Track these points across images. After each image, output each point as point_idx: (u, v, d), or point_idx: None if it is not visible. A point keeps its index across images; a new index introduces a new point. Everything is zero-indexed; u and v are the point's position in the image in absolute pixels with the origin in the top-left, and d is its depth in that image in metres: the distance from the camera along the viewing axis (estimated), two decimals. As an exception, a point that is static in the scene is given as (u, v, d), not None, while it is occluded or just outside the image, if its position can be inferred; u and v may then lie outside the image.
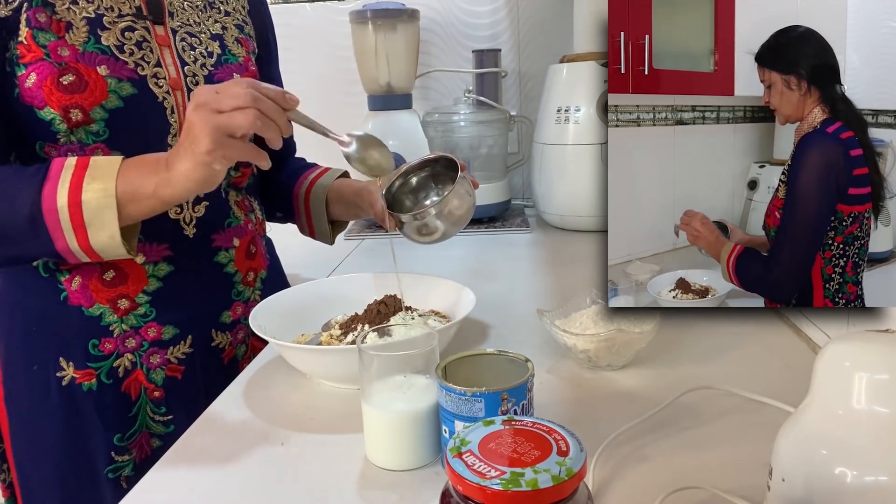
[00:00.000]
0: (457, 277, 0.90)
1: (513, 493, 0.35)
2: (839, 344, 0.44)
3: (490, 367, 0.60)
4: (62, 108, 0.74)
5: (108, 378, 0.82)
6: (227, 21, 0.91)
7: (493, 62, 1.57)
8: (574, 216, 1.44)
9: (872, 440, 0.40)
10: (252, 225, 0.95)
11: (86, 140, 0.76)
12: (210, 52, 0.86)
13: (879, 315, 0.74)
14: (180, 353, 0.85)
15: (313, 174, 1.02)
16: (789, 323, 0.87)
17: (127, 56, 0.78)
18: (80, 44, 0.75)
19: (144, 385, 0.84)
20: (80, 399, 0.82)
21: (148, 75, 0.79)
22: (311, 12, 1.75)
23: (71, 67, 0.74)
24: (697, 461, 0.59)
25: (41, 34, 0.74)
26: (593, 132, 1.38)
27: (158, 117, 0.80)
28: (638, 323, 0.77)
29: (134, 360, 0.83)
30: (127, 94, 0.77)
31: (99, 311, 0.81)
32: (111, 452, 0.83)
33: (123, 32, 0.78)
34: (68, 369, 0.81)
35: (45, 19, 0.74)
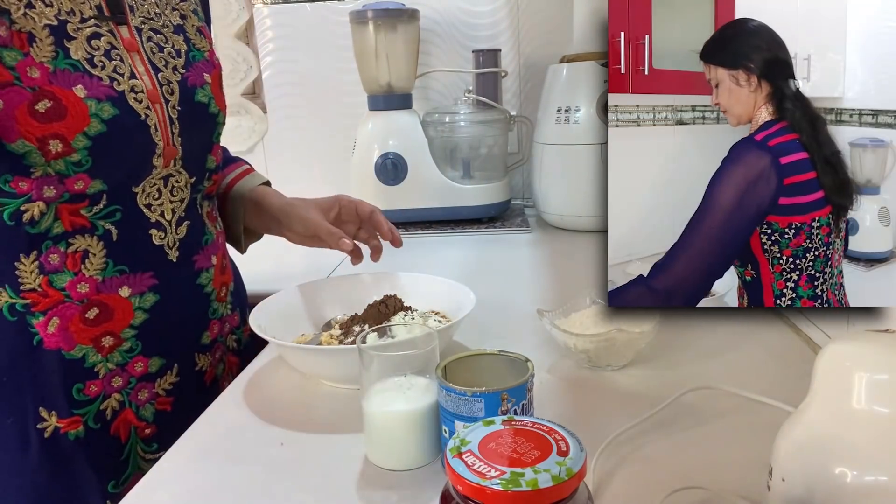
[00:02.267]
0: (457, 277, 0.90)
1: (513, 493, 0.35)
2: (839, 344, 0.44)
3: (490, 367, 0.60)
4: (39, 140, 0.66)
5: (95, 422, 0.76)
6: (184, 7, 0.85)
7: (493, 62, 1.57)
8: (574, 216, 1.44)
9: (872, 440, 0.40)
10: (221, 237, 0.91)
11: (65, 171, 0.69)
12: (178, 51, 0.80)
13: (879, 315, 0.74)
14: (167, 383, 0.81)
15: (233, 174, 0.96)
16: (789, 323, 0.87)
17: (100, 70, 0.71)
18: (48, 60, 0.67)
19: (134, 424, 0.79)
20: (67, 450, 0.74)
21: (125, 90, 0.72)
22: (311, 12, 1.75)
23: (45, 91, 0.66)
24: (697, 461, 0.59)
25: (6, 52, 0.64)
26: (593, 132, 1.38)
27: (143, 138, 0.74)
28: (638, 323, 0.77)
29: (122, 399, 0.77)
30: (109, 116, 0.70)
31: (81, 352, 0.74)
32: (107, 502, 0.77)
33: (90, 41, 0.71)
34: (50, 419, 0.74)
35: (6, 32, 0.65)
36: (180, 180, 0.80)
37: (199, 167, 0.83)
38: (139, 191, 0.76)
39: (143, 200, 0.76)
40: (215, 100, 0.84)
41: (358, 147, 1.53)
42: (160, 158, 0.76)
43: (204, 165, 0.84)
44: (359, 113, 1.59)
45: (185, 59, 0.81)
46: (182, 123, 0.78)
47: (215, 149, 0.87)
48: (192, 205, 0.83)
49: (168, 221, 0.79)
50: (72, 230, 0.72)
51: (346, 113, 1.74)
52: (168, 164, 0.78)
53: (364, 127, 1.54)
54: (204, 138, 0.84)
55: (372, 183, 1.50)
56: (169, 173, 0.78)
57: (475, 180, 1.56)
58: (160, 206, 0.78)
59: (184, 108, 0.79)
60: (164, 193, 0.78)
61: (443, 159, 1.55)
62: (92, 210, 0.72)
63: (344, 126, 1.72)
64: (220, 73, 0.87)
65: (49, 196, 0.70)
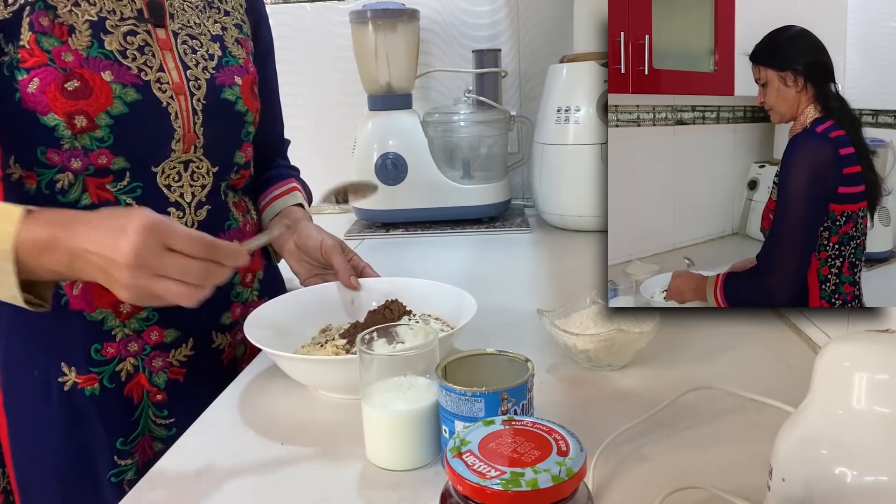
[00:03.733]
0: (457, 277, 0.90)
1: (513, 493, 0.35)
2: (839, 344, 0.44)
3: (490, 367, 0.60)
4: (66, 115, 0.74)
5: (110, 382, 0.82)
6: (227, 21, 0.91)
7: (493, 62, 1.57)
8: (574, 216, 1.44)
9: (872, 440, 0.40)
10: (249, 226, 0.95)
11: (90, 146, 0.76)
12: (211, 55, 0.86)
13: (879, 315, 0.74)
14: (182, 355, 0.85)
15: (276, 191, 1.01)
16: (789, 323, 0.87)
17: (130, 61, 0.78)
18: (83, 48, 0.74)
19: (147, 389, 0.84)
20: (82, 404, 0.81)
21: (151, 80, 0.79)
22: (311, 12, 1.75)
23: (75, 73, 0.74)
24: (697, 461, 0.59)
25: (44, 38, 0.73)
26: (593, 132, 1.38)
27: (163, 123, 0.80)
28: (638, 323, 0.77)
29: (136, 363, 0.83)
30: (132, 99, 0.77)
31: (101, 315, 0.81)
32: (114, 457, 0.83)
33: (126, 37, 0.78)
34: (70, 374, 0.81)
35: (48, 23, 0.73)
36: (201, 167, 0.86)
37: (225, 159, 0.89)
38: (159, 171, 0.82)
39: (162, 180, 0.82)
40: (244, 100, 0.88)
41: (358, 147, 1.53)
42: (179, 143, 0.82)
43: (231, 159, 0.90)
44: (359, 113, 1.59)
45: (217, 63, 0.87)
46: (206, 115, 0.84)
47: (245, 146, 0.92)
48: (216, 192, 0.88)
49: (187, 203, 0.85)
50: (98, 203, 0.79)
51: (346, 113, 1.74)
52: (188, 150, 0.83)
53: (364, 127, 1.54)
54: (231, 133, 0.89)
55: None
56: (189, 159, 0.84)
57: (475, 180, 1.56)
58: (180, 187, 0.84)
59: (209, 102, 0.84)
60: (185, 177, 0.84)
61: (443, 159, 1.55)
62: (116, 186, 0.80)
63: (344, 126, 1.72)
64: (253, 80, 0.91)
65: (76, 167, 0.77)
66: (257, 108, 0.92)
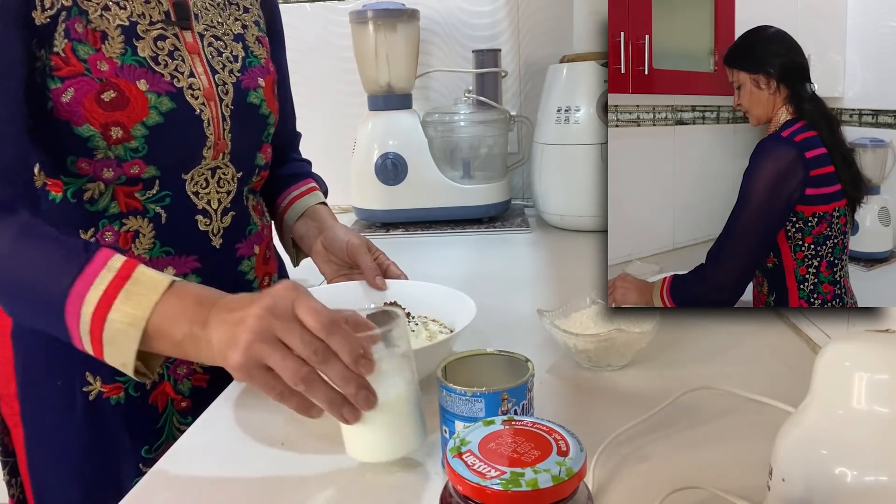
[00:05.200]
0: (457, 277, 0.90)
1: (513, 493, 0.35)
2: (839, 344, 0.44)
3: (490, 367, 0.60)
4: (102, 126, 0.72)
5: (135, 391, 0.81)
6: (247, 18, 0.90)
7: (493, 62, 1.57)
8: (574, 216, 1.44)
9: (872, 440, 0.40)
10: (266, 229, 0.95)
11: (123, 156, 0.75)
12: (235, 56, 0.85)
13: (879, 315, 0.74)
14: None
15: (297, 191, 1.01)
16: (789, 323, 0.87)
17: (162, 68, 0.76)
18: (117, 56, 0.73)
19: (171, 396, 0.84)
20: (107, 413, 0.81)
21: (184, 87, 0.78)
22: (310, 12, 1.75)
23: (111, 83, 0.72)
24: (697, 461, 0.59)
25: (80, 46, 0.71)
26: (593, 132, 1.38)
27: (196, 131, 0.79)
28: (638, 323, 0.77)
29: (161, 371, 0.82)
30: (166, 109, 0.76)
31: None
32: (139, 465, 0.82)
33: (156, 42, 0.77)
34: (95, 384, 0.80)
35: (83, 29, 0.71)
36: (227, 173, 0.85)
37: (248, 163, 0.88)
38: (188, 178, 0.81)
39: (191, 188, 0.81)
40: (267, 102, 0.88)
41: (358, 147, 1.53)
42: (210, 150, 0.81)
43: (253, 162, 0.89)
44: (359, 113, 1.59)
45: (241, 64, 0.86)
46: (234, 121, 0.83)
47: (265, 147, 0.91)
48: (239, 197, 0.88)
49: (214, 210, 0.84)
50: (126, 211, 0.78)
51: (346, 113, 1.74)
52: (217, 156, 0.83)
53: (364, 127, 1.54)
54: (254, 136, 0.89)
55: (372, 183, 1.50)
56: (217, 165, 0.84)
57: (475, 180, 1.56)
58: (207, 194, 0.83)
59: (236, 108, 0.84)
60: (212, 184, 0.83)
61: (443, 159, 1.55)
62: (145, 194, 0.78)
63: (344, 126, 1.72)
64: (274, 80, 0.91)
65: (108, 177, 0.76)
66: (277, 109, 0.92)
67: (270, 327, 0.56)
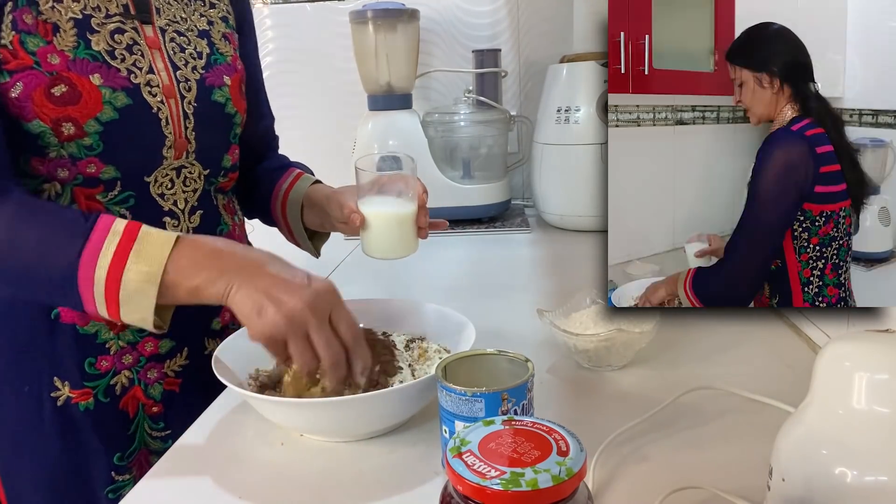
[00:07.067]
0: (457, 277, 0.90)
1: (513, 493, 0.35)
2: (839, 344, 0.44)
3: (490, 367, 0.60)
4: (53, 122, 0.69)
5: (105, 396, 0.79)
6: (213, 14, 0.87)
7: (493, 62, 1.57)
8: (574, 216, 1.44)
9: (872, 440, 0.40)
10: (238, 228, 0.92)
11: (78, 154, 0.72)
12: (199, 53, 0.83)
13: (879, 315, 0.74)
14: (177, 365, 0.83)
15: (287, 182, 0.97)
16: (789, 323, 0.87)
17: (119, 62, 0.73)
18: (69, 49, 0.70)
19: (142, 401, 0.81)
20: (76, 419, 0.78)
21: (141, 83, 0.75)
22: (311, 12, 1.75)
23: (62, 77, 0.69)
24: (697, 461, 0.59)
25: (29, 38, 0.68)
26: (593, 132, 1.38)
27: (153, 129, 0.76)
28: (638, 323, 0.77)
29: (131, 376, 0.80)
30: (122, 104, 0.73)
31: (94, 328, 0.77)
32: (111, 472, 0.80)
33: (113, 35, 0.74)
34: (63, 389, 0.78)
35: (32, 21, 0.68)
36: (193, 172, 0.82)
37: (215, 162, 0.85)
38: (151, 180, 0.78)
39: (155, 190, 0.79)
40: (233, 101, 0.86)
41: (358, 147, 1.53)
42: (171, 150, 0.79)
43: (220, 163, 0.87)
44: (359, 113, 1.59)
45: (206, 62, 0.83)
46: (197, 119, 0.81)
47: (232, 148, 0.89)
48: (206, 196, 0.85)
49: (181, 210, 0.81)
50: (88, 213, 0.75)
51: (346, 113, 1.74)
52: (180, 156, 0.80)
53: (364, 127, 1.54)
54: (220, 136, 0.86)
55: (372, 183, 1.49)
56: (181, 165, 0.81)
57: (475, 180, 1.56)
58: (173, 195, 0.80)
59: (200, 106, 0.81)
60: (178, 184, 0.81)
61: (443, 159, 1.55)
62: (107, 196, 0.75)
63: (344, 126, 1.72)
64: (241, 78, 0.88)
65: (63, 177, 0.73)
66: (245, 109, 0.89)
67: (305, 322, 0.62)
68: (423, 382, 0.62)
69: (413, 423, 0.68)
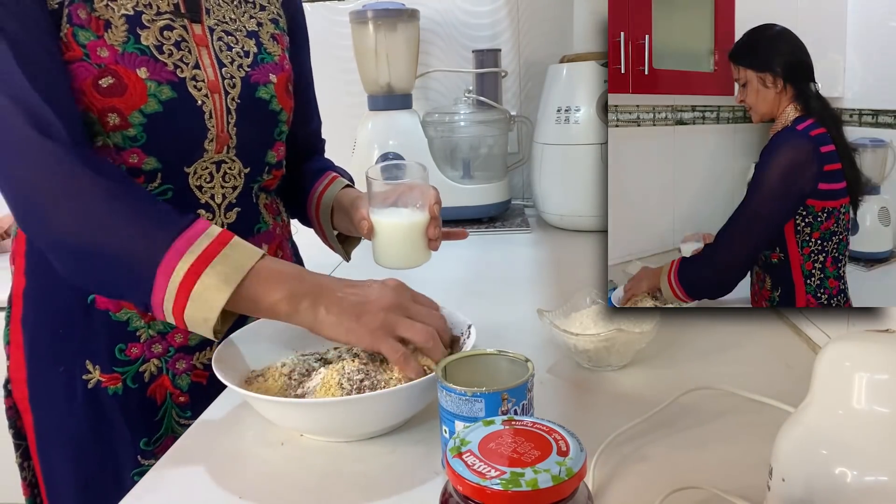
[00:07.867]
0: (457, 277, 0.90)
1: (513, 493, 0.35)
2: (839, 344, 0.44)
3: (490, 367, 0.60)
4: (99, 112, 0.72)
5: (133, 382, 0.82)
6: (263, 16, 0.89)
7: (493, 62, 1.57)
8: (574, 216, 1.44)
9: (872, 440, 0.40)
10: (279, 229, 0.94)
11: (122, 144, 0.74)
12: (246, 52, 0.84)
13: (879, 315, 0.74)
14: (206, 358, 0.85)
15: (322, 185, 0.99)
16: (789, 323, 0.87)
17: (166, 57, 0.75)
18: (119, 44, 0.72)
19: (170, 390, 0.84)
20: (105, 402, 0.81)
21: (187, 77, 0.77)
22: (311, 12, 1.74)
23: (110, 69, 0.72)
24: (697, 461, 0.59)
25: (81, 32, 0.71)
26: (593, 132, 1.38)
27: (196, 122, 0.78)
28: (638, 323, 0.77)
29: (160, 365, 0.83)
30: (166, 97, 0.75)
31: (126, 315, 0.80)
32: (137, 456, 0.83)
33: (162, 31, 0.76)
34: (94, 372, 0.81)
35: (86, 16, 0.71)
36: (233, 168, 0.84)
37: (257, 159, 0.87)
38: (191, 171, 0.80)
39: (194, 181, 0.80)
40: (278, 98, 0.87)
41: (358, 147, 1.53)
42: (212, 144, 0.80)
43: (263, 159, 0.88)
44: (359, 113, 1.59)
45: (252, 60, 0.85)
46: (239, 114, 0.82)
47: (277, 145, 0.90)
48: (246, 193, 0.87)
49: (217, 205, 0.83)
50: None
51: (346, 113, 1.74)
52: (221, 150, 0.82)
53: (364, 127, 1.54)
54: (264, 133, 0.87)
55: (372, 183, 1.50)
56: (221, 159, 0.82)
57: (475, 180, 1.56)
58: (211, 188, 0.82)
59: (243, 101, 0.82)
60: (216, 178, 0.82)
61: (443, 159, 1.55)
62: (147, 187, 0.78)
63: (344, 126, 1.72)
64: (288, 77, 0.89)
65: None
66: (291, 107, 0.91)
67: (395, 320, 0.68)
68: (423, 382, 0.63)
69: (413, 423, 0.68)
